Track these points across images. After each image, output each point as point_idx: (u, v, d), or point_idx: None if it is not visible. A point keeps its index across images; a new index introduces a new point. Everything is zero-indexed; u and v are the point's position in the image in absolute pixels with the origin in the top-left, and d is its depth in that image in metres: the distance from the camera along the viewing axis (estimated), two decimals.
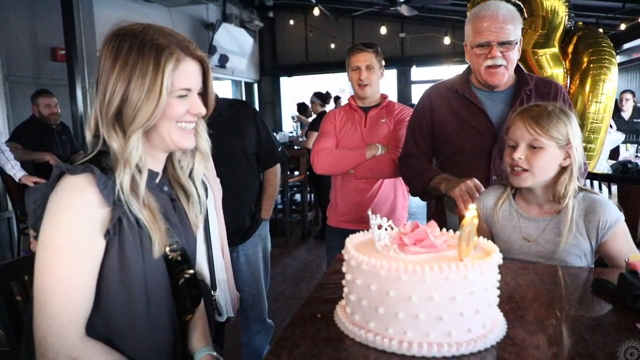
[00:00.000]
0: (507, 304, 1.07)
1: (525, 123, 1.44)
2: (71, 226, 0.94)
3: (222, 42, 8.47)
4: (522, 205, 1.56)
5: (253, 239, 2.40)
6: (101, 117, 1.01)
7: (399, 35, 10.21)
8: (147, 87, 0.99)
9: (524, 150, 1.44)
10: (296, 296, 3.92)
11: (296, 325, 1.02)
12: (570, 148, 1.43)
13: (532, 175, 1.45)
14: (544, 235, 1.49)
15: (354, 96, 2.53)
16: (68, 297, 0.94)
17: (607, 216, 1.42)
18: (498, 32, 1.76)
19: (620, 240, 1.43)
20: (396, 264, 0.86)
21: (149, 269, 1.04)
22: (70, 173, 0.96)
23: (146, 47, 1.01)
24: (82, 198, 0.95)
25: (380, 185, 2.45)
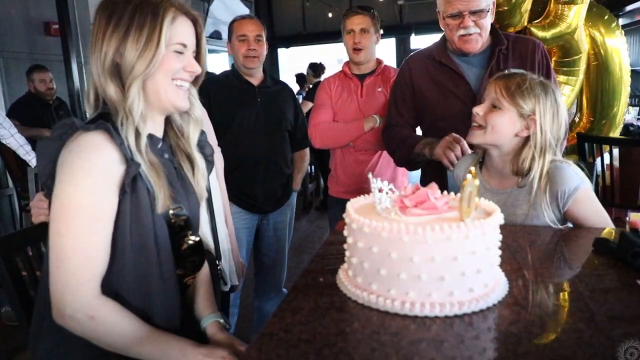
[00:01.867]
0: (508, 264, 1.08)
1: (496, 83, 1.44)
2: (92, 185, 0.94)
3: (217, 14, 8.33)
4: (485, 176, 1.55)
5: (283, 208, 2.49)
6: (98, 74, 1.02)
7: (397, 2, 10.02)
8: (145, 38, 1.00)
9: (484, 107, 1.45)
10: (299, 266, 3.95)
11: (299, 289, 1.03)
12: (532, 120, 1.40)
13: (484, 134, 1.44)
14: (505, 208, 1.44)
15: (348, 63, 2.49)
16: (87, 256, 0.95)
17: (565, 186, 1.38)
18: (469, 1, 1.76)
19: (583, 206, 1.40)
20: (397, 225, 0.86)
21: (158, 227, 1.05)
22: (84, 130, 0.95)
23: (143, 3, 1.02)
24: (102, 156, 0.94)
25: (380, 155, 2.44)
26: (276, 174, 2.40)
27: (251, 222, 2.40)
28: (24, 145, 3.51)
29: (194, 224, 1.19)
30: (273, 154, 2.38)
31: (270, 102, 2.37)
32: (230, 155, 1.86)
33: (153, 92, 1.06)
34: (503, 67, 1.85)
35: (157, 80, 1.05)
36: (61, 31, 5.11)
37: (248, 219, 2.37)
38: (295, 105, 2.52)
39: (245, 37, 2.29)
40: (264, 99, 2.35)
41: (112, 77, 1.02)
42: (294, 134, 2.50)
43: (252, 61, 2.30)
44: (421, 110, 2.02)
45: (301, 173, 2.60)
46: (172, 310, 1.10)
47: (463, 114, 1.86)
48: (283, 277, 2.61)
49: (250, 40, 2.29)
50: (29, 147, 3.53)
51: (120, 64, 1.02)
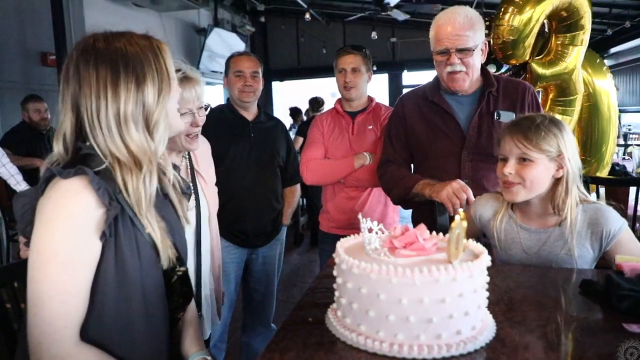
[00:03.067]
0: (496, 305, 1.09)
1: (513, 137, 1.42)
2: (67, 231, 0.92)
3: (213, 47, 8.47)
4: (520, 217, 1.53)
5: (273, 242, 2.49)
6: (99, 126, 0.99)
7: (390, 39, 10.26)
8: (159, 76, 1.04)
9: (514, 165, 1.42)
10: (289, 300, 3.91)
11: (288, 329, 1.03)
12: (562, 159, 1.41)
13: (525, 189, 1.42)
14: (546, 247, 1.47)
15: (340, 100, 2.54)
16: (63, 303, 0.93)
17: (611, 226, 1.40)
18: (455, 39, 1.80)
19: (626, 247, 1.42)
20: (386, 267, 0.87)
21: (145, 270, 1.03)
22: (63, 177, 0.94)
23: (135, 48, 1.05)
24: (78, 201, 0.93)
25: (370, 192, 2.46)
26: (267, 209, 2.41)
27: (240, 256, 2.39)
28: (15, 175, 3.50)
29: (183, 254, 1.17)
30: (264, 189, 2.39)
31: (263, 137, 2.40)
32: (222, 189, 1.87)
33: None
34: (493, 108, 1.90)
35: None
36: (58, 61, 5.17)
37: (237, 253, 2.36)
38: (288, 141, 2.56)
39: (242, 73, 2.33)
40: (258, 134, 2.38)
41: (136, 123, 1.01)
42: (286, 170, 2.52)
43: (248, 95, 2.34)
44: (413, 148, 2.05)
45: (291, 208, 2.61)
46: (158, 352, 1.08)
47: (451, 153, 1.90)
48: (272, 313, 2.58)
49: (247, 76, 2.33)
50: (20, 177, 3.52)
51: (145, 108, 1.02)
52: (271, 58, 11.33)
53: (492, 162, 1.83)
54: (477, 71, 1.90)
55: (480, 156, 1.88)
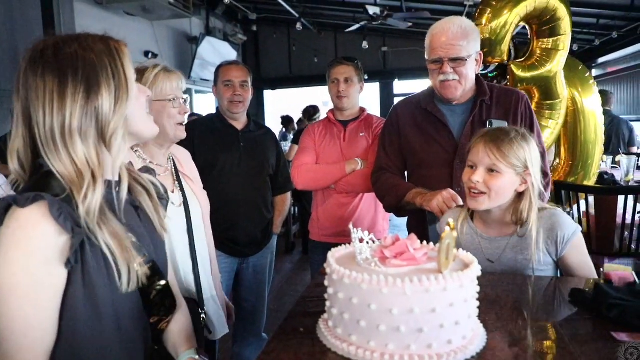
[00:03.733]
0: (486, 315, 1.09)
1: (486, 147, 1.46)
2: (27, 262, 0.88)
3: (205, 56, 8.48)
4: (480, 227, 1.58)
5: (264, 251, 2.48)
6: (55, 135, 0.93)
7: (381, 49, 10.33)
8: (114, 86, 0.97)
9: (483, 174, 1.45)
10: (280, 310, 3.90)
11: (279, 339, 1.03)
12: (527, 175, 1.45)
13: (489, 199, 1.46)
14: (505, 254, 1.51)
15: (333, 110, 2.56)
16: (26, 336, 0.89)
17: (565, 230, 1.45)
18: (448, 48, 1.83)
19: (578, 252, 1.47)
20: (377, 277, 0.87)
21: (117, 292, 0.97)
22: (19, 206, 0.88)
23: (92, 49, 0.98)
24: (36, 232, 0.88)
25: (361, 199, 2.48)
26: (257, 218, 2.41)
27: (231, 265, 2.38)
28: (3, 185, 3.46)
29: (162, 267, 1.13)
30: (254, 198, 2.39)
31: (253, 146, 2.41)
32: (212, 199, 1.87)
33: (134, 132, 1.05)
34: (486, 117, 1.91)
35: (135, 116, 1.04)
36: None
37: (228, 263, 2.35)
38: (278, 149, 2.56)
39: (231, 83, 2.34)
40: (247, 143, 2.39)
41: (88, 134, 0.95)
42: (276, 178, 2.52)
43: (237, 106, 2.35)
44: (406, 155, 2.07)
45: (282, 217, 2.61)
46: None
47: (444, 161, 1.92)
48: (263, 322, 2.57)
49: (236, 86, 2.34)
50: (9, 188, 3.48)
51: (98, 117, 0.95)
52: (263, 67, 11.36)
53: None
54: (470, 81, 1.92)
55: None
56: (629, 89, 9.27)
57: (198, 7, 8.37)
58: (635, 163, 3.68)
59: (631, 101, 9.04)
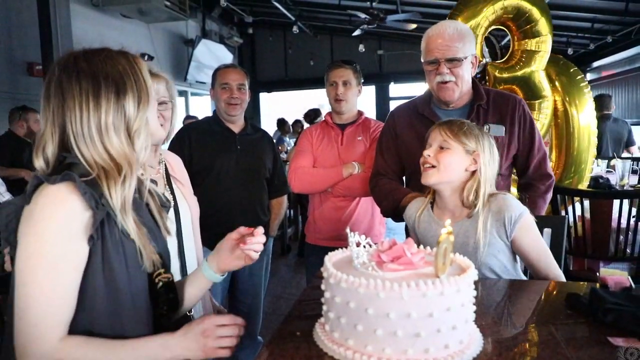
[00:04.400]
0: (483, 319, 1.09)
1: (439, 128, 1.57)
2: (55, 234, 0.94)
3: (201, 58, 8.48)
4: (437, 214, 1.64)
5: (259, 254, 2.42)
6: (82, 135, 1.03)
7: (377, 52, 10.36)
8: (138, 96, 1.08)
9: (434, 150, 1.55)
10: (276, 312, 3.89)
11: (276, 343, 1.03)
12: (477, 156, 1.52)
13: (438, 172, 1.53)
14: (457, 239, 1.52)
15: (330, 113, 2.57)
16: (49, 304, 0.95)
17: (512, 212, 1.50)
18: (445, 49, 1.86)
19: (527, 235, 1.51)
20: (374, 281, 0.87)
21: (131, 272, 1.05)
22: (50, 182, 0.96)
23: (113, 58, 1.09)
24: (65, 205, 0.96)
25: (357, 202, 2.47)
26: (253, 220, 2.40)
27: None
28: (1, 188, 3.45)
29: (166, 260, 1.19)
30: (251, 200, 2.39)
31: (249, 149, 2.40)
32: (208, 201, 1.87)
33: None
34: (483, 121, 1.92)
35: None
36: (44, 72, 5.14)
37: None
38: (274, 152, 2.56)
39: (228, 86, 2.34)
40: (244, 146, 2.39)
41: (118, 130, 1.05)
42: (272, 181, 2.52)
43: (234, 108, 2.35)
44: (404, 160, 2.08)
45: (278, 220, 2.61)
46: None
47: None
48: (258, 325, 2.57)
49: (233, 89, 2.34)
50: (4, 188, 3.47)
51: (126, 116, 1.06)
52: (259, 69, 11.37)
53: None
54: (466, 83, 1.93)
55: None
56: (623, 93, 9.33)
57: (194, 9, 8.37)
58: (630, 167, 3.69)
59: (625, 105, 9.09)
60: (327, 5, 8.62)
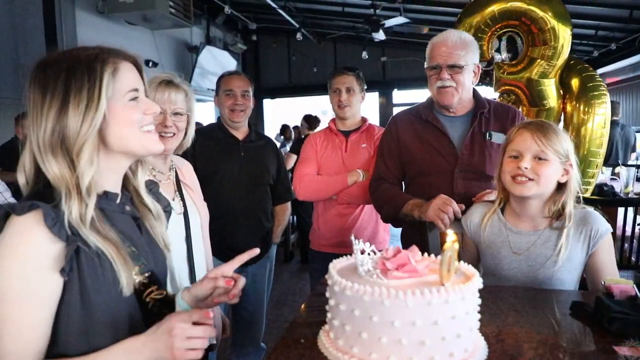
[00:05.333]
0: (487, 327, 1.09)
1: (533, 134, 1.48)
2: (20, 269, 0.90)
3: (205, 65, 8.51)
4: (511, 220, 1.60)
5: (263, 260, 2.48)
6: (40, 151, 0.96)
7: (380, 59, 10.37)
8: (86, 99, 0.95)
9: (530, 161, 1.48)
10: (279, 319, 3.88)
11: (280, 350, 1.03)
12: (569, 165, 1.49)
13: (537, 185, 1.48)
14: (534, 248, 1.52)
15: (334, 120, 2.57)
16: (15, 341, 0.90)
17: (599, 225, 1.48)
18: (447, 56, 1.90)
19: (608, 252, 1.49)
20: (379, 289, 0.87)
21: (114, 300, 0.99)
22: (16, 213, 0.90)
23: (76, 63, 0.97)
24: (29, 238, 0.90)
25: (362, 209, 2.47)
26: (257, 227, 2.41)
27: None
28: (4, 192, 3.46)
29: (161, 278, 1.14)
30: (254, 207, 2.40)
31: (253, 156, 2.41)
32: (212, 208, 1.87)
33: (121, 147, 1.02)
34: (485, 128, 1.95)
35: (123, 135, 1.00)
36: None
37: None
38: (279, 159, 2.57)
39: (232, 92, 2.35)
40: (248, 153, 2.39)
41: (57, 150, 0.95)
42: (276, 188, 2.53)
43: (238, 115, 2.36)
44: (406, 165, 2.09)
45: (281, 226, 2.61)
46: None
47: (444, 170, 1.95)
48: (261, 332, 2.56)
49: (237, 95, 2.35)
50: (9, 194, 3.49)
51: (65, 134, 0.95)
52: (262, 76, 11.40)
53: (484, 180, 1.88)
54: (467, 90, 1.96)
55: (473, 174, 1.93)
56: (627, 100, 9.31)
57: (199, 16, 8.42)
58: (634, 174, 3.68)
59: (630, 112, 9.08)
60: (331, 12, 8.65)
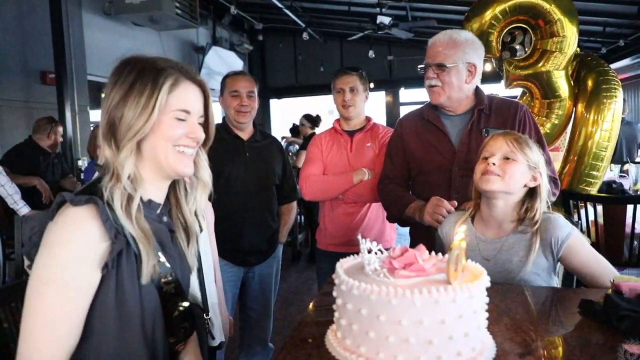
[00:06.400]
0: (496, 326, 1.09)
1: (505, 137, 1.56)
2: (68, 260, 0.93)
3: (212, 65, 8.55)
4: (479, 229, 1.62)
5: (269, 260, 2.49)
6: (100, 131, 1.05)
7: (386, 58, 10.36)
8: (143, 103, 1.02)
9: (499, 159, 1.53)
10: (286, 319, 3.89)
11: (288, 350, 1.03)
12: (537, 173, 1.53)
13: (502, 181, 1.51)
14: (500, 255, 1.54)
15: (339, 120, 2.58)
16: (54, 331, 0.93)
17: (558, 232, 1.49)
18: (434, 55, 1.93)
19: (578, 252, 1.49)
20: (386, 288, 0.87)
21: (145, 301, 1.03)
22: (73, 204, 0.95)
23: (147, 69, 1.04)
24: (83, 232, 0.94)
25: (368, 208, 2.48)
26: (263, 227, 2.42)
27: (236, 274, 2.38)
28: (13, 194, 3.50)
29: (185, 289, 1.18)
30: (260, 208, 2.40)
31: (258, 156, 2.41)
32: (217, 208, 1.88)
33: (152, 157, 1.06)
34: (484, 125, 1.96)
35: (157, 146, 1.05)
36: (57, 80, 5.22)
37: (233, 272, 2.36)
38: (284, 159, 2.57)
39: (238, 93, 2.35)
40: (253, 153, 2.40)
41: (110, 138, 1.03)
42: (282, 188, 2.53)
43: (244, 116, 2.36)
44: (409, 164, 2.13)
45: (287, 226, 2.62)
46: None
47: (443, 168, 1.98)
48: (269, 331, 2.57)
49: (243, 96, 2.35)
50: (18, 197, 3.52)
51: (117, 125, 1.03)
52: (269, 76, 11.43)
53: None
54: (456, 89, 1.95)
55: (470, 171, 1.91)
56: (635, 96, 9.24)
57: (205, 17, 8.45)
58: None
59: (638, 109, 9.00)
60: (337, 11, 8.65)
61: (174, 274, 1.11)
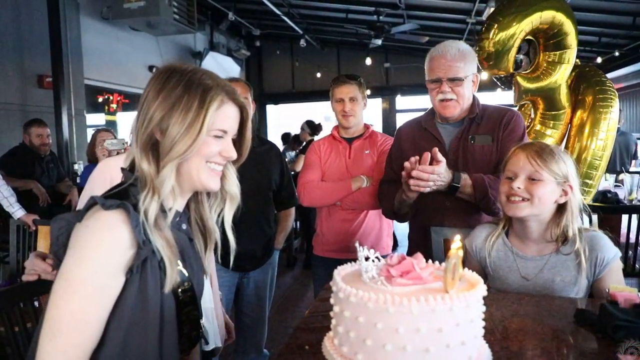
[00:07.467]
0: (492, 335, 1.09)
1: (527, 155, 1.47)
2: (98, 264, 0.94)
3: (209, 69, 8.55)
4: (516, 244, 1.56)
5: (265, 266, 2.48)
6: (137, 142, 1.03)
7: (383, 65, 10.41)
8: (188, 122, 1.01)
9: (523, 181, 1.46)
10: (282, 325, 3.88)
11: (284, 356, 1.03)
12: (568, 186, 1.46)
13: (530, 205, 1.45)
14: (542, 274, 1.49)
15: (337, 127, 2.58)
16: (81, 334, 0.93)
17: (605, 253, 1.44)
18: (447, 69, 1.92)
19: (615, 276, 1.46)
20: (383, 296, 0.87)
21: (166, 306, 1.03)
22: (105, 208, 0.95)
23: (194, 84, 1.04)
24: (113, 236, 0.94)
25: (365, 215, 2.48)
26: (258, 233, 2.41)
27: (231, 280, 2.38)
28: (9, 197, 3.48)
29: (199, 298, 1.18)
30: (256, 214, 2.39)
31: (256, 162, 2.40)
32: None
33: (186, 172, 1.06)
34: (473, 133, 1.97)
35: (192, 162, 1.05)
36: (54, 84, 5.21)
37: (228, 277, 2.35)
38: (282, 165, 2.56)
39: None
40: (250, 159, 2.38)
41: (149, 151, 1.02)
42: (279, 194, 2.53)
43: None
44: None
45: (284, 232, 2.61)
46: None
47: None
48: (264, 337, 2.56)
49: None
50: (14, 199, 3.50)
51: (160, 141, 1.02)
52: (266, 82, 11.45)
53: None
54: (467, 100, 1.98)
55: None
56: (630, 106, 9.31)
57: (202, 22, 8.47)
58: (638, 181, 3.67)
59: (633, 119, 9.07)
60: (334, 18, 8.68)
61: (190, 282, 1.11)
